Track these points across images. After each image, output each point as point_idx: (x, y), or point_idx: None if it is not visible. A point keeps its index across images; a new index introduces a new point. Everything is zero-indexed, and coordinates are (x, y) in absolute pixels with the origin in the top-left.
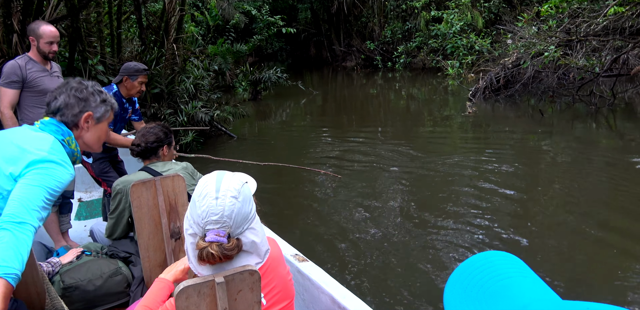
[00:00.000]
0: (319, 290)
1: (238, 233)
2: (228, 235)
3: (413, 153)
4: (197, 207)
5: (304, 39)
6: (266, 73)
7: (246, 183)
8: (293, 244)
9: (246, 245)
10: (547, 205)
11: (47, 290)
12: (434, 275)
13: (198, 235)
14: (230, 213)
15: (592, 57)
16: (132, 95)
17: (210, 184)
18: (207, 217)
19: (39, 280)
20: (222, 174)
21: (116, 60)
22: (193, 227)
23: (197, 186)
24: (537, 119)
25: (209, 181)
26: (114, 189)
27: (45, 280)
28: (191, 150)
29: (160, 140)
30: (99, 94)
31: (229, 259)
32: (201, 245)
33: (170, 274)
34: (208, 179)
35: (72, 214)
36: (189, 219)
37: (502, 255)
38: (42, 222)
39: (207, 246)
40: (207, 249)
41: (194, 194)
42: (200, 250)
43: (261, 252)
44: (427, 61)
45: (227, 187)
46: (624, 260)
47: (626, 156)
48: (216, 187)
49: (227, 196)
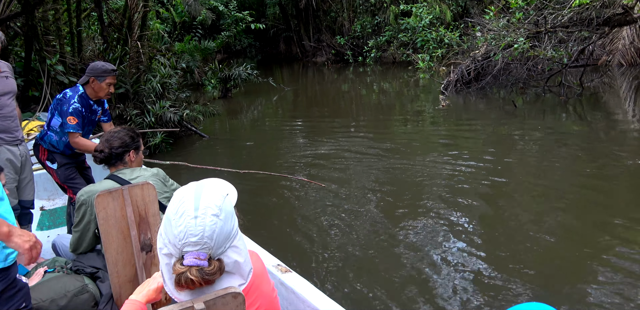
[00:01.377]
0: (305, 304)
1: (219, 253)
2: (209, 257)
3: (388, 149)
4: (174, 227)
5: (273, 35)
6: (236, 70)
7: (227, 196)
8: (274, 253)
9: (228, 265)
10: (520, 196)
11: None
12: (424, 283)
13: (174, 256)
14: (212, 233)
15: (560, 48)
16: (100, 98)
17: (188, 200)
18: (184, 238)
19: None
20: (200, 188)
21: (77, 59)
22: (168, 247)
23: (173, 201)
24: (508, 110)
25: (186, 196)
26: (77, 200)
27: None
28: (160, 152)
29: (126, 145)
30: None
31: (211, 283)
32: (179, 269)
33: (142, 294)
34: (185, 194)
35: (33, 224)
36: (163, 238)
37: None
38: None
39: (186, 271)
40: (185, 274)
41: (168, 210)
42: (177, 275)
43: (244, 273)
44: (397, 55)
45: (207, 203)
46: (595, 249)
47: (596, 144)
48: (195, 205)
49: (207, 215)
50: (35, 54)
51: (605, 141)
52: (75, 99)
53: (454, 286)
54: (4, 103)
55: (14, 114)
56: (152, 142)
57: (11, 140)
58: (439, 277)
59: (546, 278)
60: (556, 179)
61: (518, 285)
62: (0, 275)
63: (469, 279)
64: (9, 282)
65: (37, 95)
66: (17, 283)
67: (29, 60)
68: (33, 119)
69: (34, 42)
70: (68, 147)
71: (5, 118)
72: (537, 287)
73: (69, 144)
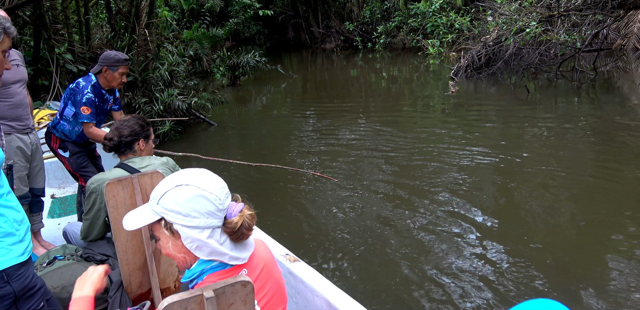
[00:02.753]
0: (313, 293)
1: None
2: None
3: (397, 137)
4: (208, 192)
5: (282, 22)
6: (244, 57)
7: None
8: (282, 242)
9: None
10: (532, 185)
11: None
12: (434, 275)
13: (219, 226)
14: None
15: (573, 32)
16: (113, 87)
17: (193, 172)
18: (221, 193)
19: None
20: (184, 171)
21: (86, 48)
22: (209, 222)
23: (182, 185)
24: (519, 96)
25: (187, 173)
26: (88, 188)
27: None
28: (169, 140)
29: (136, 134)
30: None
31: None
32: (237, 219)
33: (86, 287)
34: (183, 174)
35: (44, 212)
36: (200, 219)
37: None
38: None
39: (244, 215)
40: (246, 216)
41: (185, 193)
42: (241, 224)
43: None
44: (407, 41)
45: (199, 169)
46: (610, 240)
47: (610, 131)
48: (199, 170)
49: (210, 172)
50: (44, 42)
51: (620, 127)
52: (88, 89)
53: (464, 279)
54: (14, 91)
55: (25, 102)
56: (160, 130)
57: (22, 129)
58: (449, 269)
59: (563, 270)
60: (569, 166)
61: (532, 280)
62: (20, 271)
63: (482, 273)
64: (29, 279)
65: (47, 84)
66: (37, 281)
67: (38, 49)
68: (43, 108)
69: (43, 31)
70: (80, 136)
71: (17, 106)
72: (553, 281)
73: (81, 133)
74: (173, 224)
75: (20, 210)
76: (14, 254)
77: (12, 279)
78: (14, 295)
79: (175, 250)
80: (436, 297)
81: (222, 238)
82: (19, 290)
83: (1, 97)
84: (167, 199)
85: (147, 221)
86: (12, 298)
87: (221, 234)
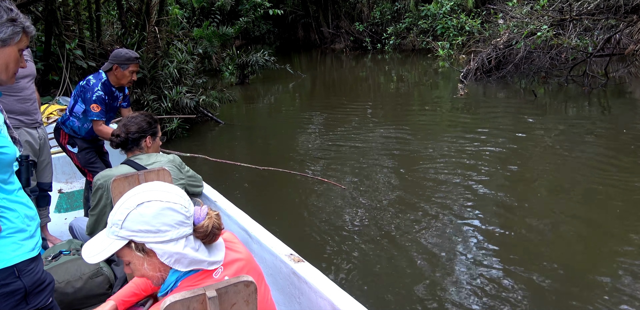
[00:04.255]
0: (317, 295)
1: None
2: None
3: (405, 139)
4: (172, 203)
5: (292, 21)
6: (253, 56)
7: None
8: (287, 242)
9: None
10: (539, 190)
11: None
12: (437, 279)
13: (190, 233)
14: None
15: (585, 36)
16: (123, 85)
17: (146, 188)
18: (184, 200)
19: None
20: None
21: (96, 44)
22: (181, 231)
23: (143, 204)
24: (529, 100)
25: (141, 191)
26: (94, 184)
27: None
28: (176, 138)
29: (143, 131)
30: (6, 12)
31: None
32: (206, 223)
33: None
34: (137, 192)
35: (51, 207)
36: (171, 231)
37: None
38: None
39: (211, 216)
40: (213, 217)
41: (150, 209)
42: (207, 229)
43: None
44: (416, 42)
45: (148, 183)
46: (615, 242)
47: (620, 137)
48: (149, 185)
49: (160, 183)
50: (55, 38)
51: (630, 134)
52: (98, 87)
53: (469, 284)
54: (23, 86)
55: (33, 97)
56: (168, 127)
57: (30, 123)
58: (454, 275)
59: (565, 273)
60: (577, 172)
61: (536, 285)
62: (31, 266)
63: (487, 279)
64: (39, 274)
65: (57, 79)
66: (47, 276)
67: (49, 44)
68: (53, 103)
69: (54, 26)
70: (89, 133)
71: (25, 101)
72: (556, 284)
73: (90, 130)
74: (145, 244)
75: (31, 207)
76: (25, 249)
77: (23, 274)
78: (25, 291)
79: (152, 270)
80: (440, 303)
81: (197, 244)
82: (30, 286)
83: (10, 92)
84: (132, 220)
85: (113, 249)
86: (22, 293)
87: (194, 241)
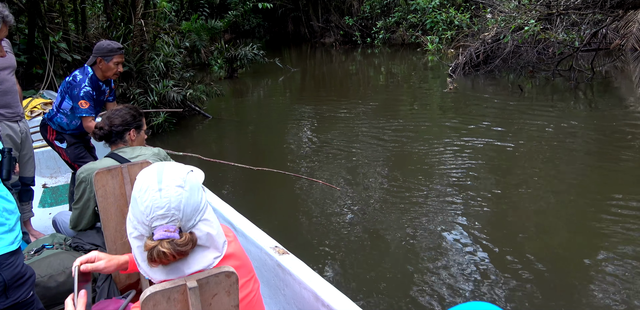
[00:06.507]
0: (301, 286)
1: (190, 226)
2: (179, 229)
3: (394, 133)
4: (139, 204)
5: (282, 15)
6: (242, 50)
7: (191, 171)
8: (272, 235)
9: (201, 239)
10: (526, 184)
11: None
12: (422, 272)
13: (145, 236)
14: (178, 204)
15: (571, 31)
16: (109, 77)
17: (151, 176)
18: (152, 212)
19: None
20: (162, 165)
21: (81, 37)
22: (138, 228)
23: (137, 181)
24: (516, 94)
25: (149, 173)
26: (77, 178)
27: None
28: (163, 132)
29: (127, 124)
30: None
31: (184, 255)
32: (150, 244)
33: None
34: (148, 171)
35: (35, 201)
36: (131, 220)
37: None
38: None
39: (157, 245)
40: (157, 248)
41: (133, 190)
42: (149, 250)
43: (218, 245)
44: (406, 37)
45: (171, 176)
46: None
47: (606, 130)
48: (158, 179)
49: (171, 186)
50: (39, 31)
51: (615, 127)
52: (85, 83)
53: (450, 277)
54: (3, 78)
55: (14, 90)
56: (155, 121)
57: (11, 116)
58: (438, 269)
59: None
60: (563, 165)
61: (524, 280)
62: (10, 260)
63: (469, 273)
64: (19, 268)
65: (41, 72)
66: (27, 270)
67: (33, 37)
68: (37, 97)
69: (37, 19)
70: (77, 129)
71: (5, 93)
72: (541, 275)
73: (79, 126)
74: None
75: (11, 200)
76: (4, 243)
77: (2, 267)
78: (4, 284)
79: None
80: (421, 294)
81: (142, 256)
82: (9, 279)
83: None
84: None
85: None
86: (1, 287)
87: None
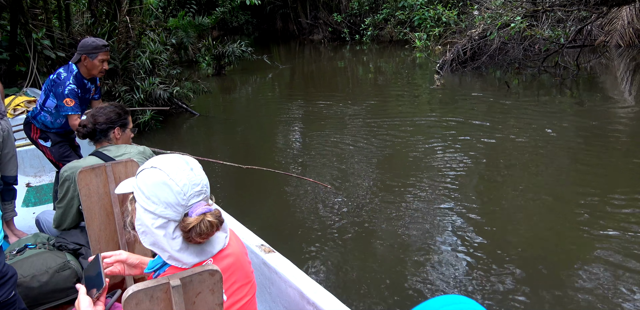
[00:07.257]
0: (287, 284)
1: (211, 203)
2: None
3: (382, 129)
4: (175, 185)
5: (270, 12)
6: (230, 47)
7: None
8: (257, 233)
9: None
10: (513, 179)
11: None
12: (407, 268)
13: (176, 219)
14: (207, 182)
15: (557, 28)
16: (94, 75)
17: (176, 160)
18: (190, 189)
19: None
20: (173, 154)
21: (65, 34)
22: (166, 214)
23: (162, 168)
24: (503, 90)
25: (172, 159)
26: (61, 176)
27: None
28: (150, 130)
29: (112, 122)
30: None
31: (221, 227)
32: (193, 221)
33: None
34: (168, 158)
35: (19, 200)
36: (155, 208)
37: (461, 303)
38: None
39: (202, 219)
40: (204, 221)
41: (152, 178)
42: (194, 227)
43: (225, 225)
44: (394, 34)
45: (190, 159)
46: (589, 229)
47: (590, 125)
48: (184, 161)
49: (197, 166)
50: (21, 28)
51: (600, 122)
52: (70, 80)
53: (436, 274)
54: None
55: None
56: (141, 119)
57: None
58: (423, 264)
59: (535, 260)
60: (550, 160)
61: (511, 276)
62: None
63: (457, 266)
64: (0, 268)
65: (24, 70)
66: (9, 270)
67: (15, 34)
68: (20, 94)
69: (19, 15)
70: (63, 127)
71: None
72: (529, 268)
73: (64, 124)
74: (136, 201)
75: None
76: None
77: None
78: None
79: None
80: (406, 291)
81: (175, 234)
82: None
83: None
84: (140, 177)
85: (124, 190)
86: None
87: (175, 230)
